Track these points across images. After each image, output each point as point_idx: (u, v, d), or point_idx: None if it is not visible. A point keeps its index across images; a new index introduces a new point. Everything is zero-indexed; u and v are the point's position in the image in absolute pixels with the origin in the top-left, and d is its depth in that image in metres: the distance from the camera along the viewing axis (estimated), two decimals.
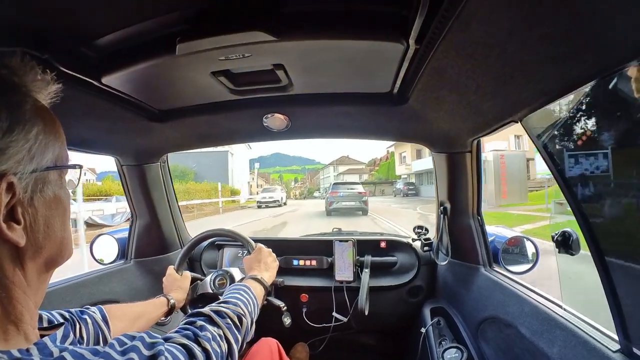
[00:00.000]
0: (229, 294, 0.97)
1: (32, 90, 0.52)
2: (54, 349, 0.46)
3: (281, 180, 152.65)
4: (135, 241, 1.93)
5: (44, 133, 0.50)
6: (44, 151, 0.50)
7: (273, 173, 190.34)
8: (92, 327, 0.84)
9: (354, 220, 14.08)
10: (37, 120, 0.49)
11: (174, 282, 1.46)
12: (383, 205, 23.70)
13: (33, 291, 0.51)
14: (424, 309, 1.77)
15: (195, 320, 0.74)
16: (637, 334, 0.79)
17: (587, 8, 0.56)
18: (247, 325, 0.88)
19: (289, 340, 1.99)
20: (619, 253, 0.83)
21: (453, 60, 0.85)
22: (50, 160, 0.51)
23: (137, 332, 0.59)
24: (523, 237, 1.57)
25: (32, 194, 0.48)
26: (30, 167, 0.48)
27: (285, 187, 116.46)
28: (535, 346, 1.03)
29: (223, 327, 0.76)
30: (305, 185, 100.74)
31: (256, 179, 77.13)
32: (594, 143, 0.90)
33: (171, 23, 0.82)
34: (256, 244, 1.51)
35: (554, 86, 0.81)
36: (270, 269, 1.37)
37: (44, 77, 0.53)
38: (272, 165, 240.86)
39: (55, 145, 0.53)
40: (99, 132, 1.38)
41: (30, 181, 0.48)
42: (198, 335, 0.67)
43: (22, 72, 0.50)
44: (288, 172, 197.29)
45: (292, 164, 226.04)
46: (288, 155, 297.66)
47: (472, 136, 1.40)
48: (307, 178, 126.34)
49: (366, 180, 62.61)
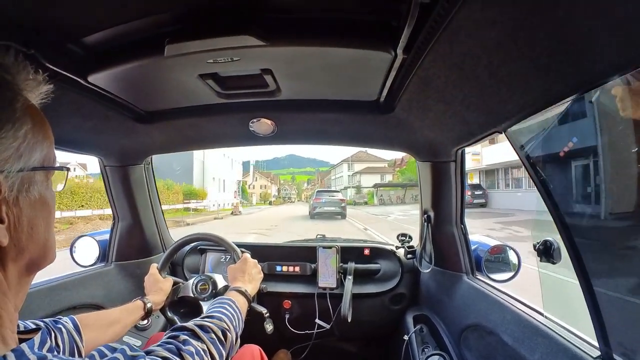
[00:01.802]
0: (213, 308, 0.95)
1: (23, 89, 0.51)
2: (31, 356, 0.44)
3: (293, 182, 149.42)
4: (117, 244, 1.89)
5: (33, 132, 0.50)
6: (32, 151, 0.49)
7: (286, 174, 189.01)
8: (66, 337, 0.82)
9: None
10: (27, 119, 0.49)
11: (156, 283, 1.44)
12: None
13: (13, 294, 0.49)
14: (407, 316, 1.77)
15: (178, 335, 0.72)
16: (617, 340, 0.81)
17: (571, 25, 0.58)
18: (232, 340, 0.86)
19: (271, 347, 1.97)
20: (599, 262, 0.85)
21: (440, 70, 0.87)
22: (37, 161, 0.51)
23: (117, 343, 0.58)
24: (506, 246, 1.60)
25: (17, 194, 0.48)
26: (18, 166, 0.47)
27: (297, 189, 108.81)
28: (517, 353, 1.04)
29: (207, 342, 0.75)
30: (316, 187, 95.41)
31: (251, 179, 71.90)
32: (575, 155, 0.93)
33: (160, 24, 0.81)
34: (242, 253, 1.49)
35: (537, 99, 0.83)
36: (254, 280, 1.35)
37: (36, 77, 0.53)
38: (286, 166, 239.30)
39: (43, 145, 0.52)
40: (83, 131, 1.36)
41: (16, 180, 0.47)
42: (181, 349, 0.66)
43: (14, 71, 0.49)
44: (302, 174, 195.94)
45: (306, 165, 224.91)
46: (302, 157, 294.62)
47: (456, 145, 1.42)
48: (318, 179, 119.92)
49: (390, 181, 51.35)
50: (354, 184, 59.82)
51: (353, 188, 57.02)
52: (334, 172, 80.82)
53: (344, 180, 66.30)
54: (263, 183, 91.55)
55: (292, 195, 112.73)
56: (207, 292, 1.55)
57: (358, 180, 58.64)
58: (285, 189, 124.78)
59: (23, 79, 0.51)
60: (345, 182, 65.13)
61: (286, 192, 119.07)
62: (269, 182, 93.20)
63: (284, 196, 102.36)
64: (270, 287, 1.80)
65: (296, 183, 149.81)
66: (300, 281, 1.96)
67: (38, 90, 0.54)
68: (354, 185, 59.12)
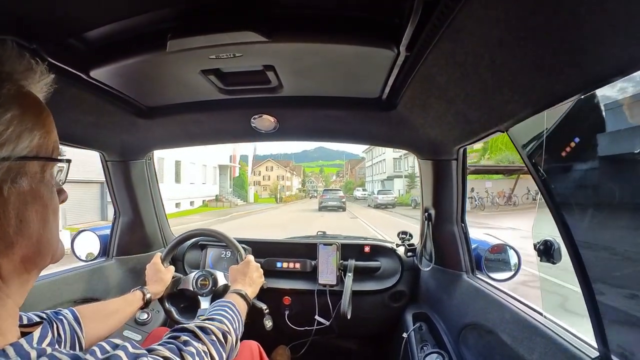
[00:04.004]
0: (214, 311, 0.96)
1: (20, 79, 0.49)
2: (30, 351, 0.44)
3: (321, 174, 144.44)
4: (118, 238, 1.89)
5: (21, 120, 0.47)
6: (19, 138, 0.47)
7: (315, 167, 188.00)
8: (67, 327, 0.83)
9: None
10: (13, 106, 0.46)
11: (157, 273, 1.45)
12: None
13: (12, 290, 0.48)
14: (406, 314, 1.78)
15: (179, 335, 0.72)
16: (615, 341, 0.81)
17: (574, 25, 0.57)
18: (232, 342, 0.87)
19: (271, 343, 1.98)
20: (599, 262, 0.85)
21: (442, 68, 0.86)
22: (26, 150, 0.48)
23: (118, 339, 0.57)
24: (506, 245, 1.60)
25: (1, 184, 0.45)
26: (1, 155, 0.44)
27: (324, 182, 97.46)
28: (515, 352, 1.05)
29: (207, 344, 0.75)
30: (345, 178, 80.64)
31: (251, 169, 55.54)
32: (578, 155, 0.93)
33: (163, 19, 0.81)
34: (246, 254, 1.49)
35: (540, 98, 0.82)
36: (255, 284, 1.35)
37: (37, 68, 0.51)
38: (315, 159, 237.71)
39: (33, 134, 0.49)
40: (84, 126, 1.36)
41: (1, 169, 0.44)
42: (182, 349, 0.66)
43: (5, 60, 0.48)
44: (331, 167, 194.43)
45: (335, 158, 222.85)
46: (331, 149, 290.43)
47: (458, 144, 1.42)
48: (347, 168, 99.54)
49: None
50: (404, 171, 41.55)
51: (405, 177, 39.33)
52: (371, 156, 59.74)
53: (387, 165, 48.29)
54: (280, 173, 77.56)
55: (319, 188, 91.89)
56: (206, 287, 1.55)
57: (411, 166, 38.53)
58: (311, 181, 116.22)
59: (20, 69, 0.49)
60: (388, 167, 47.72)
61: (312, 184, 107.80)
62: (287, 173, 79.53)
63: (309, 189, 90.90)
64: (270, 283, 1.81)
65: (324, 175, 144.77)
66: (300, 278, 1.97)
67: (40, 82, 0.52)
68: (406, 172, 40.59)
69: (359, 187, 56.13)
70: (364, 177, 67.95)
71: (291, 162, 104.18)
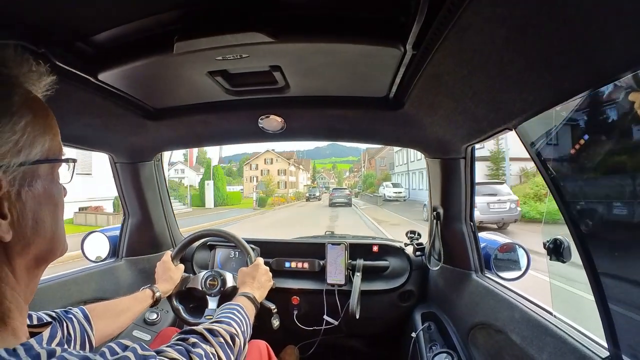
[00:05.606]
0: (222, 313, 0.97)
1: (24, 82, 0.50)
2: (40, 351, 0.45)
3: (334, 170, 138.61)
4: (127, 239, 1.91)
5: (33, 125, 0.49)
6: (33, 144, 0.49)
7: (327, 163, 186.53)
8: (77, 326, 0.84)
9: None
10: (26, 112, 0.48)
11: (167, 271, 1.47)
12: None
13: (22, 288, 0.49)
14: (415, 313, 1.77)
15: (188, 337, 0.74)
16: (626, 341, 0.80)
17: (582, 20, 0.57)
18: (240, 345, 0.88)
19: (279, 343, 1.98)
20: (610, 261, 0.84)
21: (449, 66, 0.86)
22: (39, 154, 0.50)
23: (127, 340, 0.58)
24: (515, 244, 1.58)
25: (19, 188, 0.47)
26: (18, 160, 0.46)
27: (337, 178, 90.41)
28: (525, 352, 1.04)
29: (216, 346, 0.76)
30: (360, 173, 65.42)
31: (217, 159, 40.21)
32: (587, 152, 0.91)
33: (169, 21, 0.82)
34: (256, 257, 1.51)
35: (548, 95, 0.82)
36: (263, 288, 1.36)
37: (38, 69, 0.52)
38: (328, 156, 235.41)
39: (45, 138, 0.51)
40: (93, 129, 1.37)
41: (17, 175, 0.46)
42: (190, 351, 0.67)
43: (12, 64, 0.49)
44: (344, 163, 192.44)
45: (349, 154, 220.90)
46: (344, 146, 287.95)
47: (466, 142, 1.41)
48: (364, 159, 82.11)
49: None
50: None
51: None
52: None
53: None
54: (282, 167, 62.78)
55: (331, 185, 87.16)
56: (215, 287, 1.56)
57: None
58: (322, 177, 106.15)
59: (24, 71, 0.50)
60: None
61: (323, 180, 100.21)
62: (291, 167, 64.86)
63: (320, 186, 76.26)
64: (279, 283, 1.81)
65: (337, 171, 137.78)
66: (309, 277, 1.97)
67: (41, 82, 0.53)
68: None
69: (387, 182, 38.82)
70: (388, 169, 53.50)
71: (294, 154, 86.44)
